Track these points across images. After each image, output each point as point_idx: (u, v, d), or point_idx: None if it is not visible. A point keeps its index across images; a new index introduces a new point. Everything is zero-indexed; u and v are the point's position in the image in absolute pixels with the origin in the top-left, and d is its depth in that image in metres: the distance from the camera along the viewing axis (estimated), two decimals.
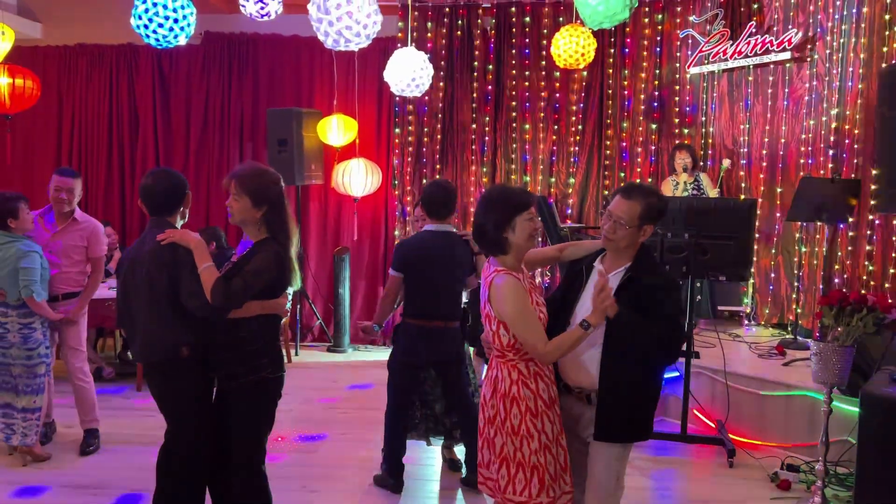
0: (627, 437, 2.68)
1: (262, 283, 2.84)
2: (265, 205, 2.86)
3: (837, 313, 3.60)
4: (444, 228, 3.81)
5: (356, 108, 7.15)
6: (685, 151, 6.26)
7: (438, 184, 3.96)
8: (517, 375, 2.59)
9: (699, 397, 4.87)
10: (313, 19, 3.90)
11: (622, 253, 2.65)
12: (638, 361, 2.59)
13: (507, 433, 2.60)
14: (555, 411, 2.63)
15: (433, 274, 3.74)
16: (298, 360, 6.86)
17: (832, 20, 5.72)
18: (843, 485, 4.02)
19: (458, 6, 7.27)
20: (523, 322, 2.53)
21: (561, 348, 2.53)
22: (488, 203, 2.65)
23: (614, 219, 2.60)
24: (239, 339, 2.90)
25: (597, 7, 4.10)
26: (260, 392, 2.95)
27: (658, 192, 2.78)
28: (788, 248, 6.22)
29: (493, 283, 2.59)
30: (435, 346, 3.79)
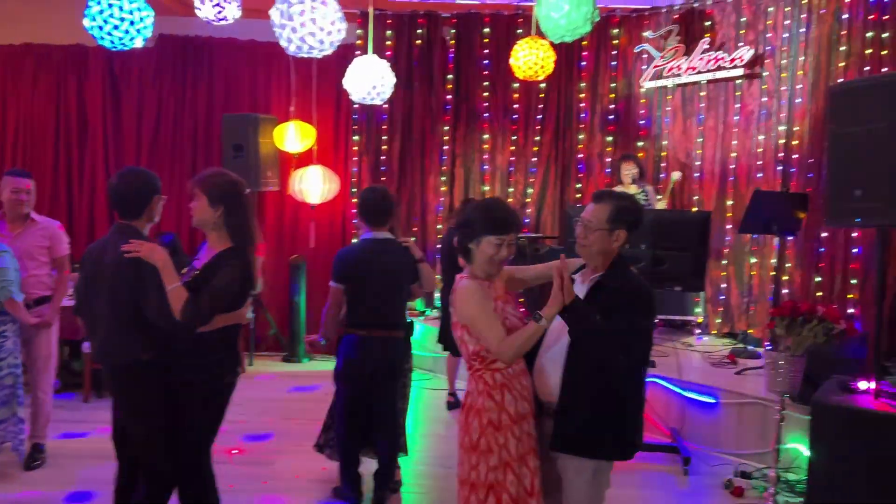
0: (585, 450, 2.52)
1: (228, 299, 2.82)
2: (221, 205, 2.82)
3: (789, 324, 3.70)
4: (382, 236, 3.72)
5: (314, 115, 7.09)
6: (631, 162, 6.34)
7: (374, 190, 3.87)
8: (482, 386, 2.51)
9: (655, 406, 4.94)
10: (275, 25, 3.85)
11: (597, 262, 2.59)
12: (600, 369, 2.47)
13: (464, 450, 2.51)
14: (522, 428, 2.49)
15: (374, 283, 3.65)
16: (253, 369, 6.73)
17: (781, 39, 5.91)
18: (794, 491, 4.12)
19: (417, 15, 7.28)
20: (481, 321, 2.46)
21: (515, 343, 2.42)
22: (472, 210, 2.64)
23: (584, 223, 2.58)
24: (200, 349, 2.87)
25: (559, 21, 4.15)
26: (214, 395, 2.93)
27: (632, 197, 2.75)
28: (739, 259, 6.38)
29: (455, 289, 2.57)
30: (377, 355, 3.69)
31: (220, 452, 4.49)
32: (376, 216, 3.72)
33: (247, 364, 6.72)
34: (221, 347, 2.91)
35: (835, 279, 5.06)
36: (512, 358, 2.48)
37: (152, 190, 3.00)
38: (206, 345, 2.86)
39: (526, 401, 2.53)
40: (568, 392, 2.51)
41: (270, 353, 7.22)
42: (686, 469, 4.46)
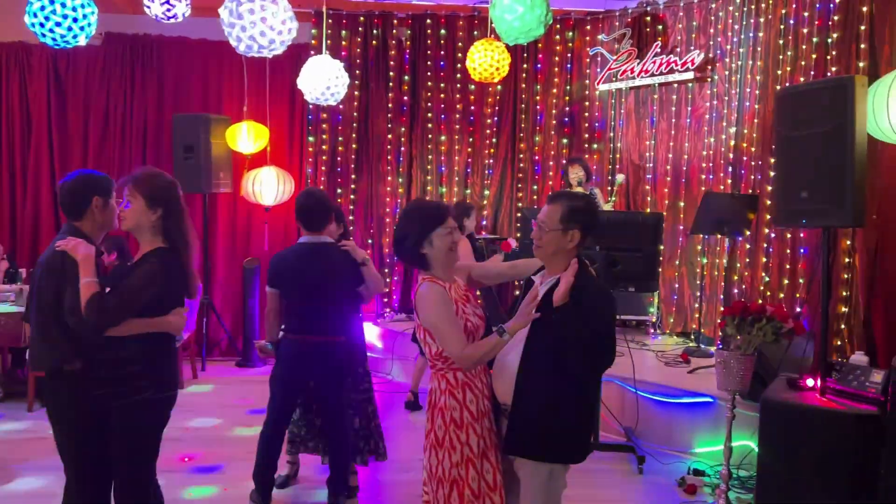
0: (537, 452, 2.52)
1: (142, 299, 2.65)
2: (160, 207, 2.71)
3: (739, 323, 3.77)
4: (319, 240, 3.66)
5: (267, 115, 6.98)
6: (578, 165, 6.35)
7: (310, 193, 3.79)
8: (445, 385, 2.57)
9: (610, 405, 4.98)
10: (225, 24, 3.77)
11: (555, 263, 2.59)
12: (554, 371, 2.47)
13: (431, 445, 2.57)
14: (483, 425, 2.55)
15: (310, 288, 3.59)
16: (205, 375, 6.60)
17: (731, 43, 6.03)
18: (746, 487, 4.19)
19: (373, 15, 7.23)
20: (443, 326, 2.51)
21: (476, 353, 2.48)
22: (404, 218, 2.68)
23: (539, 224, 2.60)
24: (119, 359, 2.69)
25: (512, 23, 4.15)
26: (142, 413, 2.74)
27: (587, 197, 2.76)
28: (691, 259, 6.49)
29: (417, 293, 2.61)
30: (316, 361, 3.64)
31: (172, 461, 4.42)
32: (311, 220, 3.65)
33: (199, 370, 6.59)
34: (143, 360, 2.72)
35: (783, 279, 5.17)
36: (471, 367, 2.56)
37: (91, 191, 2.81)
38: (124, 356, 2.69)
39: (487, 398, 2.61)
40: (520, 396, 2.53)
41: (224, 358, 7.09)
42: (641, 468, 4.51)
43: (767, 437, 3.75)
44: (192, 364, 6.47)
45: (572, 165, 6.39)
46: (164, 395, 2.80)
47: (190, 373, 6.42)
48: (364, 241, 7.33)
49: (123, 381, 2.70)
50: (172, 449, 4.66)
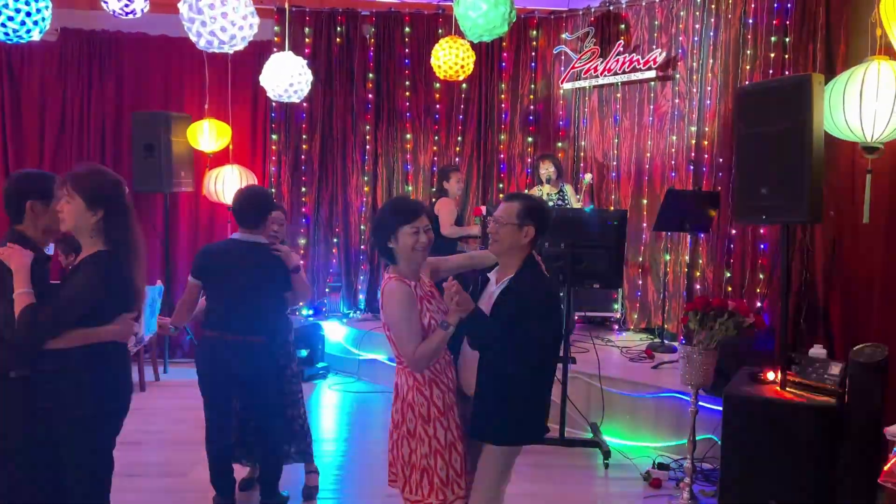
0: (498, 437, 2.70)
1: (79, 310, 2.50)
2: (101, 208, 2.52)
3: (702, 318, 3.82)
4: (252, 239, 3.58)
5: (230, 113, 6.88)
6: (549, 161, 6.39)
7: (249, 190, 3.74)
8: (413, 382, 2.67)
9: (576, 401, 5.02)
10: (184, 19, 3.70)
11: (509, 259, 2.73)
12: (506, 364, 2.64)
13: (404, 436, 2.70)
14: (450, 418, 2.68)
15: (233, 285, 3.51)
16: (168, 377, 6.48)
17: (692, 42, 6.11)
18: (709, 480, 4.25)
19: (336, 13, 7.17)
20: (403, 327, 2.60)
21: (427, 352, 2.59)
22: (381, 210, 2.81)
23: (495, 219, 2.73)
24: (63, 370, 2.53)
25: (477, 20, 4.15)
26: (89, 425, 2.59)
27: (541, 199, 2.92)
28: (655, 256, 6.56)
29: (383, 290, 2.67)
30: (233, 360, 3.56)
31: (135, 465, 4.33)
32: (245, 218, 3.58)
33: (161, 373, 6.47)
34: (88, 371, 2.56)
35: (744, 274, 5.26)
36: (423, 368, 2.65)
37: (24, 195, 2.63)
38: (69, 367, 2.53)
39: (452, 392, 2.72)
40: (480, 386, 2.69)
41: (187, 360, 6.95)
42: (606, 463, 4.55)
43: (730, 430, 3.81)
44: (153, 366, 6.35)
45: (543, 161, 6.42)
46: (113, 406, 2.66)
47: (152, 375, 6.30)
48: (329, 239, 7.27)
49: (67, 394, 2.55)
50: (135, 454, 4.57)
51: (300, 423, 3.99)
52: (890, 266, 4.18)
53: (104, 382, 2.62)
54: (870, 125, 3.59)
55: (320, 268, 7.30)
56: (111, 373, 2.65)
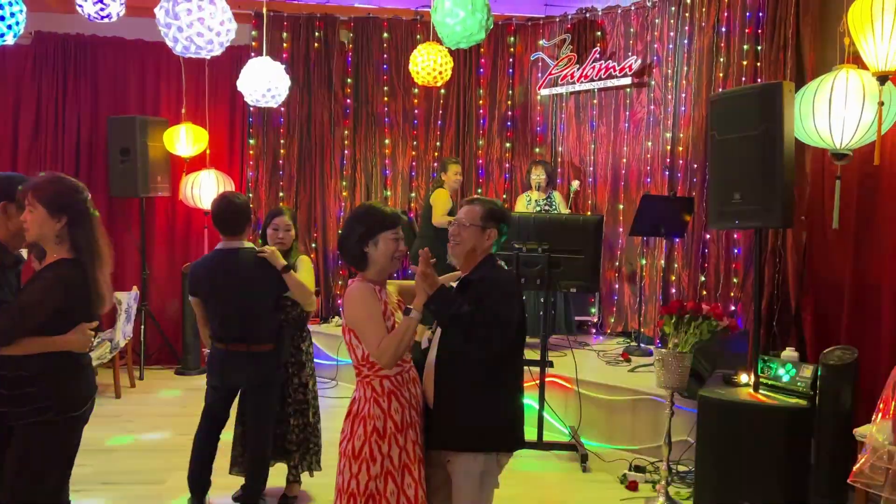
0: (465, 443, 2.54)
1: (37, 317, 2.46)
2: (63, 215, 2.50)
3: (677, 322, 3.87)
4: (235, 245, 3.57)
5: (207, 118, 6.85)
6: (541, 168, 6.42)
7: (225, 197, 3.71)
8: (370, 393, 2.51)
9: (553, 405, 5.05)
10: (161, 24, 3.68)
11: (470, 261, 2.69)
12: (468, 363, 2.52)
13: (347, 457, 2.47)
14: (407, 437, 2.49)
15: (225, 294, 3.51)
16: (144, 383, 6.42)
17: (667, 50, 6.19)
18: (685, 482, 4.30)
19: (314, 18, 7.17)
20: (367, 323, 2.49)
21: (392, 343, 2.44)
22: (355, 216, 2.67)
23: (458, 222, 2.70)
24: (18, 378, 2.48)
25: (454, 27, 4.18)
26: (43, 436, 2.52)
27: (500, 202, 2.93)
28: (631, 260, 6.63)
29: (346, 291, 2.60)
30: (236, 370, 3.56)
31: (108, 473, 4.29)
32: (225, 225, 3.58)
33: (136, 379, 6.41)
34: (44, 380, 2.50)
35: (718, 278, 5.33)
36: (391, 360, 2.46)
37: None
38: (23, 375, 2.47)
39: (414, 410, 2.56)
40: (442, 389, 2.57)
41: (163, 366, 6.91)
42: (584, 466, 4.59)
43: (704, 432, 3.87)
44: (129, 372, 6.29)
45: (535, 167, 6.44)
46: (68, 417, 2.58)
47: (128, 381, 6.24)
48: (308, 245, 7.26)
49: (23, 401, 2.49)
50: (109, 461, 4.53)
51: (299, 433, 3.91)
52: (859, 270, 4.27)
53: (58, 393, 2.54)
54: (839, 132, 3.67)
55: None
56: (65, 383, 2.57)
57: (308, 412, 3.96)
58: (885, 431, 2.79)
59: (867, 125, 3.61)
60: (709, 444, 3.83)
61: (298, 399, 3.93)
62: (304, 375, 3.95)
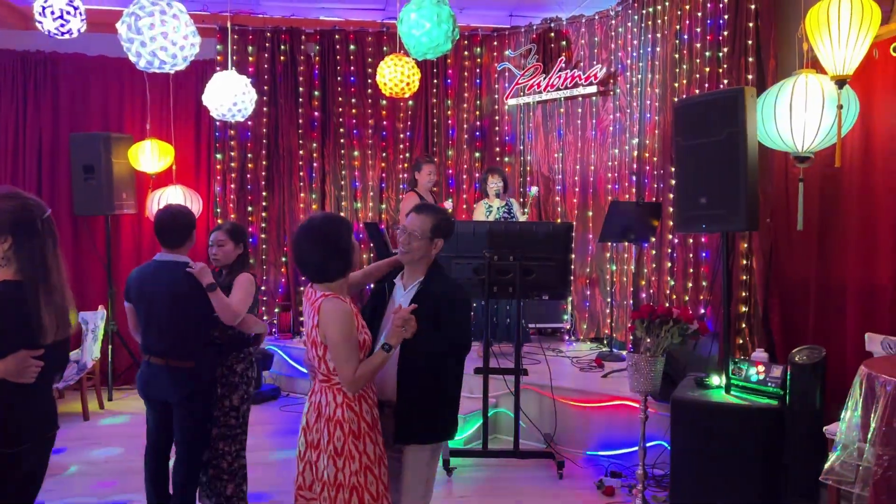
0: (428, 437, 2.83)
1: None
2: (8, 234, 2.34)
3: (648, 326, 3.90)
4: (169, 258, 3.52)
5: (172, 133, 6.77)
6: (497, 175, 6.35)
7: (167, 210, 3.66)
8: (342, 399, 2.62)
9: (529, 413, 5.05)
10: (123, 39, 3.63)
11: (417, 267, 2.87)
12: (430, 367, 2.76)
13: (329, 455, 2.62)
14: (377, 432, 2.69)
15: (151, 307, 3.47)
16: (112, 406, 6.29)
17: (631, 58, 6.28)
18: (661, 485, 4.32)
19: (280, 31, 7.14)
20: (344, 349, 2.57)
21: (367, 374, 2.60)
22: (318, 234, 2.65)
23: (409, 232, 2.83)
24: None
25: (420, 38, 4.19)
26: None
27: (446, 212, 3.08)
28: (601, 266, 6.68)
29: (322, 308, 2.59)
30: (155, 384, 3.49)
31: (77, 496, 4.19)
32: (163, 237, 3.55)
33: (105, 401, 6.28)
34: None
35: (687, 282, 5.39)
36: (359, 389, 2.63)
37: None
38: None
39: (376, 407, 2.73)
40: (404, 393, 2.76)
41: (132, 386, 6.76)
42: (560, 473, 4.59)
43: (678, 435, 3.90)
44: (97, 394, 6.16)
45: (492, 175, 6.41)
46: (8, 452, 2.36)
47: (96, 403, 6.11)
48: (277, 259, 7.19)
49: None
50: (77, 485, 4.43)
51: (231, 460, 3.73)
52: (824, 270, 4.36)
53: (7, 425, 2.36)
54: (800, 135, 3.75)
55: (270, 288, 7.21)
56: (12, 418, 2.37)
57: (242, 438, 3.76)
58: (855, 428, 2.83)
59: (827, 128, 3.69)
60: (682, 446, 3.86)
61: (229, 423, 3.70)
62: (236, 398, 3.72)
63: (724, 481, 3.68)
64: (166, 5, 3.54)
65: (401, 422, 2.76)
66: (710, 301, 5.19)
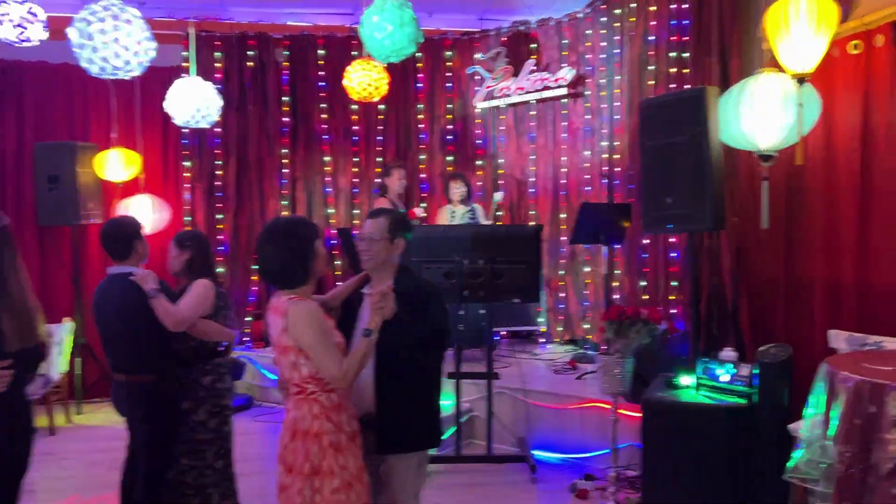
0: (412, 445, 2.75)
1: None
2: None
3: (617, 327, 3.89)
4: (118, 270, 3.44)
5: (139, 141, 6.68)
6: (459, 181, 6.32)
7: (109, 221, 3.63)
8: (319, 409, 2.48)
9: (503, 417, 5.03)
10: (74, 46, 3.56)
11: (383, 273, 2.78)
12: (409, 370, 2.68)
13: (305, 476, 2.46)
14: (357, 444, 2.56)
15: (107, 323, 3.42)
16: (82, 418, 6.17)
17: (599, 60, 6.29)
18: (634, 487, 4.30)
19: (247, 37, 7.08)
20: (323, 347, 2.46)
21: (353, 365, 2.48)
22: (280, 237, 2.57)
23: (366, 237, 2.78)
24: None
25: (382, 41, 4.16)
26: None
27: (399, 211, 2.97)
28: (575, 268, 6.67)
29: (290, 312, 2.48)
30: (119, 400, 3.46)
31: None
32: (108, 249, 3.48)
33: (73, 415, 6.16)
34: None
35: (658, 282, 5.40)
36: (351, 382, 2.51)
37: None
38: None
39: (355, 419, 2.60)
40: (384, 400, 2.67)
41: (102, 399, 6.64)
42: (534, 477, 4.56)
43: (649, 436, 3.88)
44: (65, 408, 6.04)
45: (454, 181, 6.39)
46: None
47: (63, 418, 5.99)
48: (248, 266, 7.11)
49: None
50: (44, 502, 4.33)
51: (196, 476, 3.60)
52: (790, 268, 4.37)
53: None
54: (762, 134, 3.75)
55: (241, 296, 7.11)
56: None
57: (206, 453, 3.62)
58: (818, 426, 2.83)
59: (789, 127, 3.69)
60: (653, 447, 3.85)
61: (195, 439, 3.57)
62: (202, 413, 3.60)
63: (694, 481, 3.67)
64: (119, 10, 3.48)
65: (383, 431, 2.65)
66: (681, 301, 5.20)
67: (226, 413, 3.69)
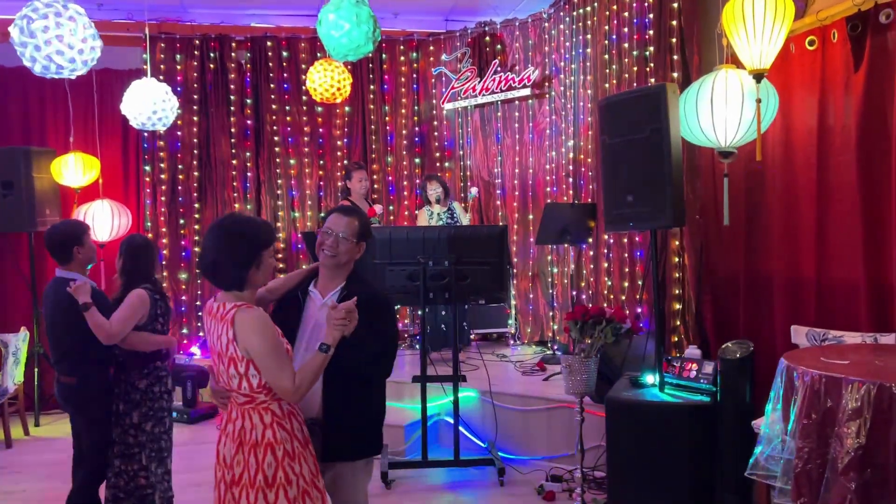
0: (359, 453, 2.73)
1: None
2: None
3: (582, 327, 3.85)
4: (63, 275, 3.56)
5: (97, 146, 6.53)
6: (435, 182, 6.36)
7: (54, 226, 3.67)
8: (270, 418, 2.38)
9: (470, 420, 4.97)
10: (16, 44, 3.45)
11: (338, 273, 2.73)
12: (357, 378, 2.65)
13: (258, 489, 2.35)
14: (310, 451, 2.47)
15: (47, 322, 3.65)
16: (39, 431, 6.01)
17: (564, 60, 6.28)
18: (602, 488, 4.27)
19: (208, 38, 6.97)
20: (275, 358, 2.34)
21: (307, 379, 2.37)
22: (230, 237, 2.43)
23: (336, 234, 2.68)
24: None
25: (340, 40, 4.09)
26: None
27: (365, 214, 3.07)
28: (543, 269, 6.65)
29: (237, 319, 2.36)
30: (61, 401, 3.65)
31: None
32: (53, 253, 3.58)
33: (31, 427, 5.99)
34: None
35: (623, 282, 5.38)
36: (303, 396, 2.43)
37: None
38: None
39: (305, 425, 2.53)
40: (331, 406, 2.62)
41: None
42: (501, 480, 4.51)
43: (614, 435, 3.86)
44: (22, 420, 5.87)
45: (430, 182, 6.38)
46: None
47: (21, 430, 5.82)
48: None
49: None
50: None
51: (128, 479, 3.61)
52: (751, 265, 4.38)
53: None
54: (722, 131, 3.75)
55: (204, 303, 6.99)
56: None
57: (139, 456, 3.62)
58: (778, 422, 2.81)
59: (748, 123, 3.69)
60: (618, 446, 3.82)
61: (128, 441, 3.60)
62: (136, 416, 3.59)
63: (659, 480, 3.65)
64: (62, 7, 3.37)
65: (330, 438, 2.60)
66: (647, 300, 5.18)
67: (161, 416, 3.65)
